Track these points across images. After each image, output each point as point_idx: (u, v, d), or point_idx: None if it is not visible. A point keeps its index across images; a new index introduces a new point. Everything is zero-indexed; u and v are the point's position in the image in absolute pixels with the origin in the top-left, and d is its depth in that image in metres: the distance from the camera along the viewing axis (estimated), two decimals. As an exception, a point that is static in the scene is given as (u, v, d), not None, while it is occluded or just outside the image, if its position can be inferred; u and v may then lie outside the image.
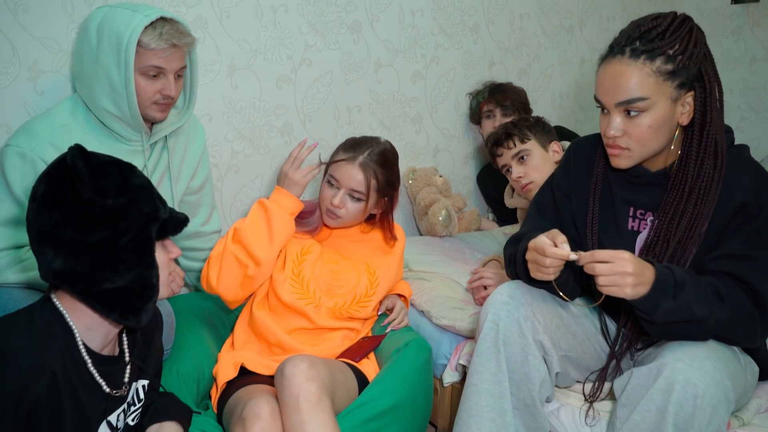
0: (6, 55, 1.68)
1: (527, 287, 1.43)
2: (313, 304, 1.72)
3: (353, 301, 1.75)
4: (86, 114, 1.59)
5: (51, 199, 1.06)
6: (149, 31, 1.49)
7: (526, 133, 2.00)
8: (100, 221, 1.07)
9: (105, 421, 1.16)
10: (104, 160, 1.11)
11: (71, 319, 1.11)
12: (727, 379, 1.19)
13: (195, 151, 1.81)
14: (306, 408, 1.35)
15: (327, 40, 2.29)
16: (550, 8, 2.98)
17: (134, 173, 1.14)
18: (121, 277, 1.08)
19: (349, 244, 1.82)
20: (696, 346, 1.23)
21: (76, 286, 1.08)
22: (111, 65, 1.50)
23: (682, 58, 1.27)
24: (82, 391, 1.11)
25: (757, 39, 3.38)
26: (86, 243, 1.06)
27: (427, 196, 2.53)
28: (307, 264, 1.73)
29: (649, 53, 1.27)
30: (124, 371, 1.21)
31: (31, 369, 1.02)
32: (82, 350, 1.11)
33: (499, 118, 2.55)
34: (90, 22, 1.54)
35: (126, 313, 1.11)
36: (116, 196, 1.08)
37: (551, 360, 1.40)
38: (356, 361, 1.67)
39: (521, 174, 1.98)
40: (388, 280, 1.82)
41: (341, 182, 1.70)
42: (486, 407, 1.39)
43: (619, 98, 1.29)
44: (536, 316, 1.38)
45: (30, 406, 1.01)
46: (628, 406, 1.26)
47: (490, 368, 1.39)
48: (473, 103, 2.68)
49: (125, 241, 1.08)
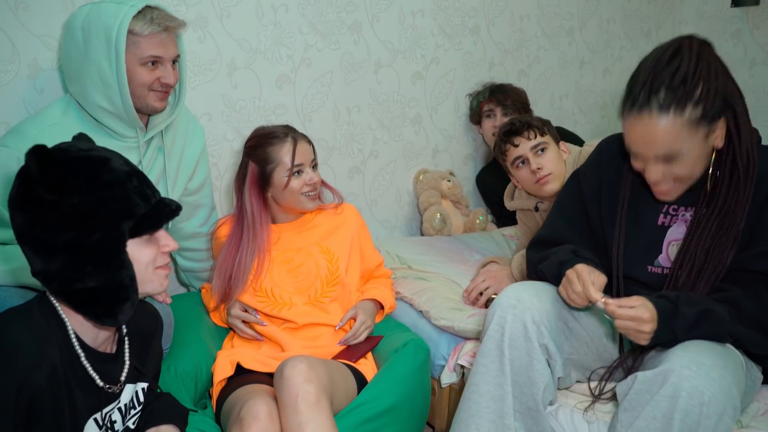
0: (6, 53, 1.68)
1: (534, 290, 1.42)
2: (287, 307, 1.73)
3: (323, 285, 1.76)
4: (78, 113, 1.58)
5: (20, 199, 1.05)
6: (139, 19, 1.49)
7: (543, 128, 1.98)
8: (67, 221, 1.04)
9: (92, 418, 1.15)
10: (74, 156, 1.07)
11: (65, 314, 1.11)
12: (733, 387, 1.18)
13: (194, 152, 1.80)
14: (304, 409, 1.35)
15: (327, 40, 2.29)
16: (551, 10, 2.98)
17: (106, 167, 1.09)
18: (90, 278, 1.06)
19: (300, 234, 1.83)
20: (703, 353, 1.23)
21: (52, 285, 1.07)
22: (101, 59, 1.49)
23: (708, 97, 1.26)
24: (76, 385, 1.11)
25: (756, 42, 3.39)
26: (56, 243, 1.04)
27: (425, 200, 2.59)
28: (264, 276, 1.75)
29: (677, 103, 1.25)
30: (122, 370, 1.21)
31: (32, 361, 1.02)
32: (76, 344, 1.11)
33: (499, 117, 2.56)
34: (74, 20, 1.52)
35: (100, 314, 1.09)
36: (83, 195, 1.05)
37: (555, 364, 1.40)
38: (353, 361, 1.67)
39: (540, 165, 1.92)
40: (345, 250, 1.82)
41: (305, 161, 1.75)
42: (486, 408, 1.39)
43: (657, 152, 1.30)
44: (542, 320, 1.38)
45: (31, 398, 1.01)
46: (631, 411, 1.26)
47: (493, 370, 1.39)
48: (473, 103, 2.69)
49: (92, 241, 1.05)
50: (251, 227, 1.74)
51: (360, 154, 2.48)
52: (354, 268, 1.86)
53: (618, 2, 3.27)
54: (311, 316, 1.74)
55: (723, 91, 1.28)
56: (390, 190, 2.62)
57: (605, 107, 3.38)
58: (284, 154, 1.72)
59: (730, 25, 3.46)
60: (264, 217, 1.76)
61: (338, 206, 1.89)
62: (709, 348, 1.25)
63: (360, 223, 1.90)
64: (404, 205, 2.67)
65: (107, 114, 1.55)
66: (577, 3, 3.09)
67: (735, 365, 1.26)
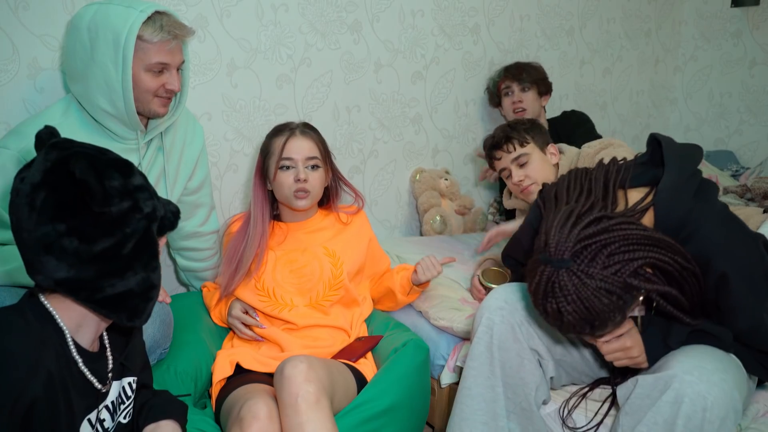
0: (6, 53, 1.68)
1: (523, 292, 1.43)
2: (287, 308, 1.73)
3: (326, 288, 1.76)
4: (79, 113, 1.57)
5: (54, 210, 1.02)
6: (148, 25, 1.48)
7: (525, 137, 1.98)
8: (106, 230, 1.04)
9: (86, 419, 1.14)
10: (105, 161, 1.07)
11: (61, 318, 1.09)
12: (735, 391, 1.19)
13: (193, 151, 1.79)
14: (305, 408, 1.35)
15: (327, 39, 2.29)
16: (551, 10, 2.98)
17: (132, 172, 1.10)
18: (126, 283, 1.06)
19: (308, 235, 1.82)
20: (704, 358, 1.23)
21: (80, 294, 1.05)
22: (108, 63, 1.47)
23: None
24: (73, 389, 1.09)
25: (756, 42, 3.39)
26: (92, 253, 1.03)
27: (425, 201, 2.59)
28: (266, 275, 1.75)
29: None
30: (106, 366, 1.19)
31: (28, 369, 1.00)
32: (73, 349, 1.10)
33: (517, 93, 2.57)
34: (80, 20, 1.50)
35: (132, 316, 1.10)
36: (120, 202, 1.05)
37: (546, 364, 1.40)
38: (353, 361, 1.67)
39: (521, 177, 1.97)
40: (351, 256, 1.81)
41: (296, 158, 1.72)
42: (479, 411, 1.40)
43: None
44: (531, 321, 1.38)
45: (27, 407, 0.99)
46: (632, 415, 1.26)
47: (484, 372, 1.39)
48: (491, 85, 2.70)
49: (131, 246, 1.06)
50: (254, 218, 1.77)
51: (360, 154, 2.48)
52: (360, 274, 1.86)
53: (618, 2, 3.27)
54: (311, 319, 1.74)
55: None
56: (390, 189, 2.62)
57: (605, 107, 3.38)
58: (278, 146, 1.74)
59: (730, 25, 3.47)
60: (264, 210, 1.78)
61: (357, 211, 1.88)
62: (710, 353, 1.26)
63: (370, 230, 1.91)
64: (404, 204, 2.67)
65: (108, 116, 1.54)
66: (577, 3, 3.09)
67: (735, 369, 1.26)
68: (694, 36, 3.61)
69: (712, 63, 3.56)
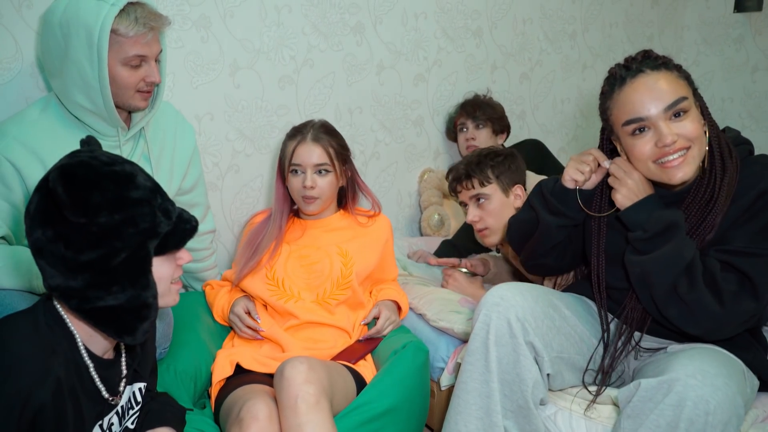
0: (9, 51, 1.68)
1: (518, 289, 1.44)
2: (294, 299, 1.74)
3: (333, 286, 1.76)
4: (58, 110, 1.53)
5: (42, 216, 1.01)
6: (122, 18, 1.42)
7: (488, 176, 1.88)
8: (92, 240, 1.01)
9: (97, 425, 1.14)
10: (100, 173, 1.03)
11: (73, 324, 1.08)
12: (738, 396, 1.18)
13: (185, 151, 1.76)
14: (304, 410, 1.35)
15: (330, 41, 2.30)
16: (553, 14, 2.98)
17: (133, 184, 1.05)
18: (114, 297, 1.03)
19: (325, 233, 1.83)
20: (707, 362, 1.23)
21: (71, 302, 1.04)
22: (83, 60, 1.42)
23: (683, 73, 1.38)
24: (83, 395, 1.09)
25: (759, 48, 3.39)
26: (79, 261, 1.01)
27: (426, 199, 2.61)
28: (278, 265, 1.76)
29: (665, 65, 1.36)
30: (120, 375, 1.19)
31: (36, 375, 0.99)
32: (85, 355, 1.09)
33: (471, 129, 2.56)
34: (52, 15, 1.44)
35: (120, 332, 1.07)
36: (110, 214, 1.01)
37: (542, 361, 1.41)
38: (353, 362, 1.67)
39: (476, 218, 1.90)
40: (363, 259, 1.81)
41: (304, 163, 1.75)
42: (473, 405, 1.41)
43: (667, 101, 1.32)
44: (527, 317, 1.39)
45: (35, 413, 0.98)
46: (634, 419, 1.25)
47: (479, 368, 1.40)
48: (447, 120, 2.70)
49: (119, 261, 1.02)
50: (274, 213, 1.82)
51: (361, 156, 2.48)
52: (370, 278, 1.87)
53: (621, 7, 3.27)
54: (315, 315, 1.74)
55: (690, 80, 1.39)
56: (391, 191, 2.62)
57: (607, 111, 3.38)
58: (289, 150, 1.77)
59: (732, 31, 3.47)
60: (284, 206, 1.83)
61: (374, 215, 1.88)
62: (713, 357, 1.26)
63: (390, 238, 1.91)
64: (405, 207, 2.67)
65: (87, 112, 1.50)
66: (580, 7, 3.09)
67: (738, 374, 1.27)
68: (696, 41, 3.61)
69: (715, 68, 3.56)
